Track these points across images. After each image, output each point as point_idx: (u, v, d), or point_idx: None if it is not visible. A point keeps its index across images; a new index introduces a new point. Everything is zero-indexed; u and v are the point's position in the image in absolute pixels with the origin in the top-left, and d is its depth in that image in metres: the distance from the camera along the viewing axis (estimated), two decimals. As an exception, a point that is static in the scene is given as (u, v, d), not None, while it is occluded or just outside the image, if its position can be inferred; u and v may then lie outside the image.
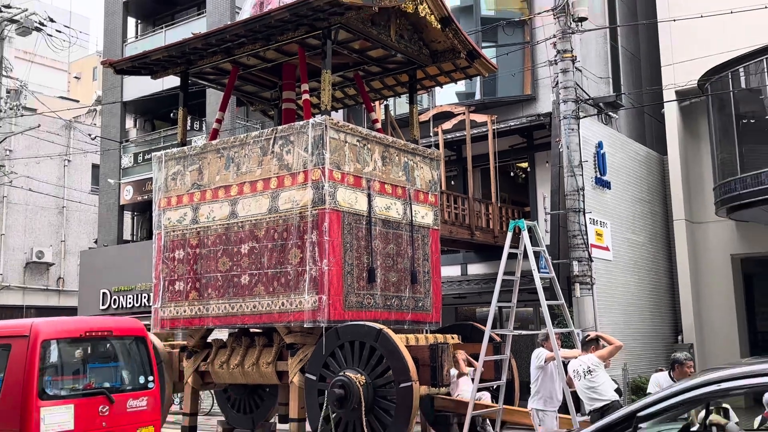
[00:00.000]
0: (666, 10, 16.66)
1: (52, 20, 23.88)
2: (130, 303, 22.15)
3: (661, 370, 9.53)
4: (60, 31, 24.26)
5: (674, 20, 15.37)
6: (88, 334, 8.41)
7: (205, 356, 11.29)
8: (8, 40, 23.64)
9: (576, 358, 8.61)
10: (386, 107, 15.51)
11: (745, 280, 17.55)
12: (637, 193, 17.02)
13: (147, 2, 24.24)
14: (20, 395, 7.51)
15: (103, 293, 22.80)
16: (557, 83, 13.27)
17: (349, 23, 10.25)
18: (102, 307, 22.82)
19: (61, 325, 8.53)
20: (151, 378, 8.81)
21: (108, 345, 8.83)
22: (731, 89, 15.30)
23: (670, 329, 17.26)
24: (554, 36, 13.25)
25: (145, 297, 21.13)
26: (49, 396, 7.64)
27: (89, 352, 8.56)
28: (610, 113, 16.41)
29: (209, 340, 11.74)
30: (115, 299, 22.55)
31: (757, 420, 7.93)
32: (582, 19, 13.18)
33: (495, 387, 9.79)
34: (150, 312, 11.90)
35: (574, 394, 8.52)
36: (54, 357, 8.03)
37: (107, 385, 8.35)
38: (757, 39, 14.47)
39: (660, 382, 8.33)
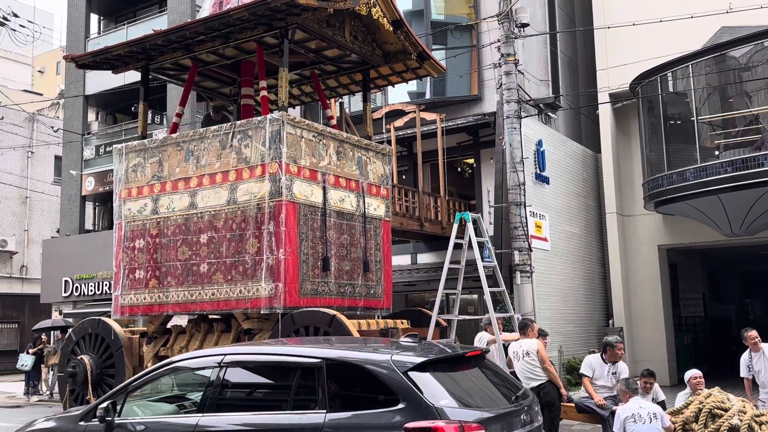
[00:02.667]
0: (601, 17, 16.90)
1: (16, 15, 23.13)
2: (91, 291, 21.74)
3: (594, 352, 9.70)
4: (24, 26, 23.53)
5: (608, 27, 15.62)
6: None
7: (165, 341, 11.16)
8: (-29, 34, 22.88)
9: (516, 341, 8.73)
10: (341, 105, 15.44)
11: (670, 268, 17.99)
12: (573, 188, 17.27)
13: (109, 0, 23.73)
14: None
15: (65, 281, 22.35)
16: (501, 85, 13.36)
17: (305, 23, 10.17)
18: (64, 295, 22.39)
19: None
20: None
21: None
22: (660, 92, 15.60)
23: (602, 314, 17.60)
24: (498, 40, 13.33)
25: (106, 285, 20.75)
26: None
27: None
28: (549, 113, 16.61)
29: (169, 326, 11.58)
30: (77, 287, 22.11)
31: (681, 396, 8.12)
32: (524, 25, 13.30)
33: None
34: (111, 299, 11.68)
35: (513, 374, 8.62)
36: None
37: None
38: (683, 46, 14.77)
39: (592, 363, 8.48)
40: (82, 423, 5.66)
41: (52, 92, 38.39)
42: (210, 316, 11.11)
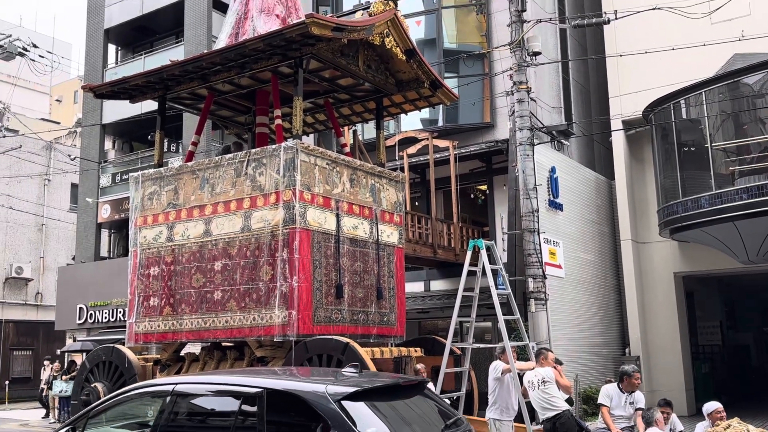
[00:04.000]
0: (613, 45, 16.96)
1: (35, 46, 23.59)
2: (105, 318, 21.79)
3: (610, 381, 9.59)
4: (43, 56, 23.98)
5: (621, 55, 15.67)
6: None
7: (178, 369, 11.11)
8: (-9, 64, 23.29)
9: (531, 369, 8.65)
10: (354, 132, 15.54)
11: (687, 296, 17.81)
12: (587, 214, 17.22)
13: (127, 30, 24.08)
14: None
15: (80, 308, 22.41)
16: (513, 112, 13.42)
17: (319, 53, 10.27)
18: (78, 322, 22.43)
19: None
20: None
21: None
22: (673, 119, 15.59)
23: (618, 342, 17.42)
24: (511, 68, 13.40)
25: (120, 312, 20.78)
26: None
27: None
28: (562, 140, 16.62)
29: (182, 353, 11.57)
30: (91, 314, 22.17)
31: (700, 426, 8.01)
32: (536, 54, 13.38)
33: (455, 397, 9.78)
34: (125, 326, 11.69)
35: (529, 404, 8.54)
36: None
37: None
38: (696, 73, 14.79)
39: (609, 393, 8.39)
40: None
41: (70, 121, 38.85)
42: (223, 344, 11.09)
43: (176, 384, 5.69)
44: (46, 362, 22.21)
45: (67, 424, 6.00)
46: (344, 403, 4.80)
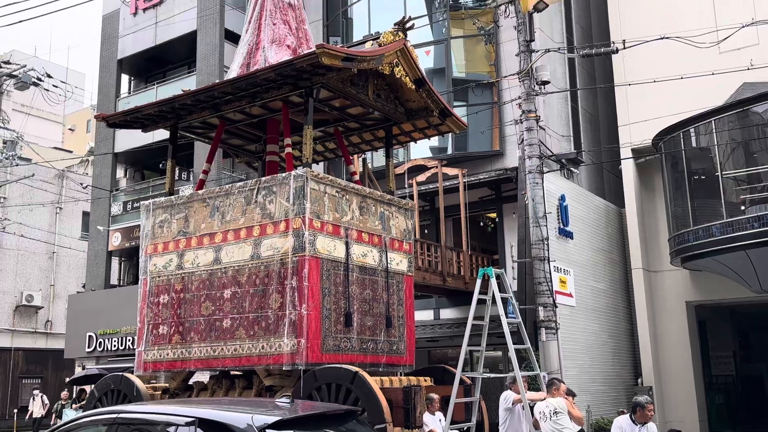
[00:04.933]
0: (622, 75, 17.04)
1: (49, 76, 23.93)
2: (115, 346, 21.75)
3: (623, 412, 9.47)
4: (56, 86, 24.29)
5: (629, 84, 15.72)
6: None
7: (187, 398, 11.06)
8: (6, 94, 23.61)
9: (542, 400, 8.56)
10: (364, 160, 15.60)
11: (699, 325, 17.64)
12: (597, 242, 17.15)
13: (140, 61, 24.38)
14: None
15: (90, 336, 22.39)
16: (522, 140, 13.45)
17: (329, 83, 10.35)
18: (88, 350, 22.40)
19: None
20: None
21: None
22: (683, 148, 15.58)
23: (631, 372, 17.23)
24: (519, 97, 13.46)
25: (129, 340, 20.76)
26: None
27: None
28: (571, 168, 16.63)
29: (191, 382, 11.52)
30: (100, 342, 22.14)
31: None
32: (545, 83, 13.44)
33: (466, 428, 9.67)
34: (134, 355, 11.67)
35: (541, 435, 8.44)
36: None
37: None
38: (705, 102, 14.81)
39: (622, 426, 8.27)
40: None
41: (82, 149, 39.19)
42: (232, 373, 11.05)
43: (119, 413, 6.05)
44: (35, 391, 22.19)
45: None
46: (268, 431, 5.06)
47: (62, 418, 19.13)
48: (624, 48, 14.26)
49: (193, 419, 5.39)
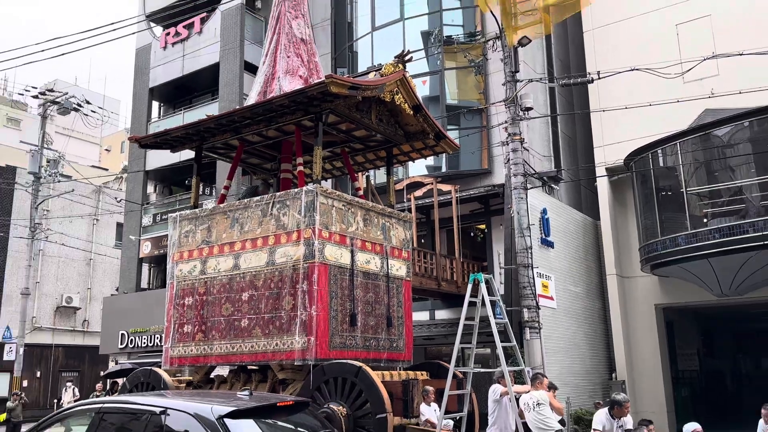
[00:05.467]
0: (597, 101, 17.07)
1: (87, 102, 24.03)
2: (144, 343, 21.70)
3: (599, 404, 9.42)
4: (94, 111, 24.39)
5: (603, 110, 15.75)
6: None
7: (209, 390, 11.01)
8: (50, 118, 23.68)
9: (527, 392, 8.50)
10: (367, 177, 15.60)
11: (666, 326, 17.57)
12: (575, 251, 17.11)
13: (169, 89, 24.46)
14: None
15: (122, 334, 22.36)
16: (509, 160, 13.44)
17: (337, 109, 10.37)
18: (120, 346, 22.35)
19: None
20: None
21: None
22: (651, 167, 15.58)
23: (606, 367, 17.14)
24: (506, 122, 13.48)
25: (157, 338, 20.70)
26: None
27: None
28: (552, 185, 16.61)
29: (212, 375, 11.46)
30: (131, 339, 22.10)
31: None
32: (528, 109, 13.46)
33: (458, 418, 9.60)
34: (161, 351, 11.63)
35: (525, 425, 8.37)
36: None
37: None
38: (672, 126, 14.84)
39: (602, 420, 8.22)
40: None
41: (117, 168, 39.26)
42: (249, 367, 10.99)
43: (103, 404, 6.34)
44: (69, 383, 22.02)
45: None
46: (225, 420, 5.34)
47: None
48: (598, 78, 14.27)
49: (164, 409, 5.65)
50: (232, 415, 5.43)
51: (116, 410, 6.15)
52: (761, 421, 8.72)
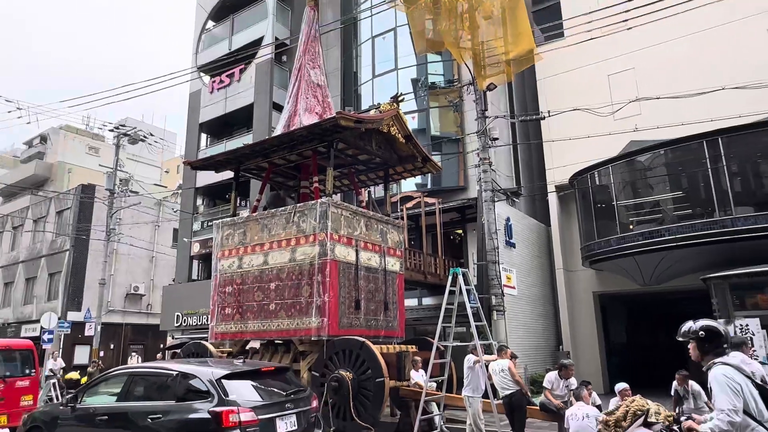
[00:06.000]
0: (548, 133, 17.04)
1: (151, 134, 23.94)
2: (194, 322, 21.51)
3: (550, 370, 9.28)
4: (156, 142, 24.26)
5: (553, 141, 15.73)
6: None
7: (244, 359, 10.89)
8: (122, 147, 23.58)
9: (494, 361, 8.39)
10: (369, 192, 15.50)
11: (602, 309, 17.46)
12: (532, 251, 17.02)
13: (214, 124, 24.42)
14: None
15: (177, 315, 22.17)
16: (480, 179, 13.37)
17: (345, 138, 10.32)
18: (176, 325, 22.15)
19: None
20: (30, 370, 9.85)
21: (6, 353, 9.90)
22: (590, 185, 15.52)
23: (555, 341, 17.01)
24: (478, 149, 13.42)
25: (204, 318, 20.52)
26: None
27: None
28: (514, 199, 16.56)
29: (247, 348, 11.33)
30: (184, 319, 21.90)
31: (613, 401, 7.68)
32: (495, 139, 13.41)
33: (441, 380, 9.48)
34: (208, 328, 11.49)
35: (492, 386, 8.25)
36: None
37: (6, 372, 9.60)
38: (605, 152, 14.81)
39: (551, 379, 8.11)
40: (61, 408, 6.69)
41: (173, 185, 39.12)
42: (276, 341, 10.87)
43: (134, 368, 6.56)
44: (133, 354, 21.73)
45: (73, 395, 6.76)
46: (222, 380, 5.58)
47: None
48: (549, 116, 14.26)
49: (178, 372, 5.91)
50: (227, 377, 5.67)
51: (143, 374, 6.37)
52: (675, 383, 8.61)
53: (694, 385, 8.32)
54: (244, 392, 5.62)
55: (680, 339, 3.69)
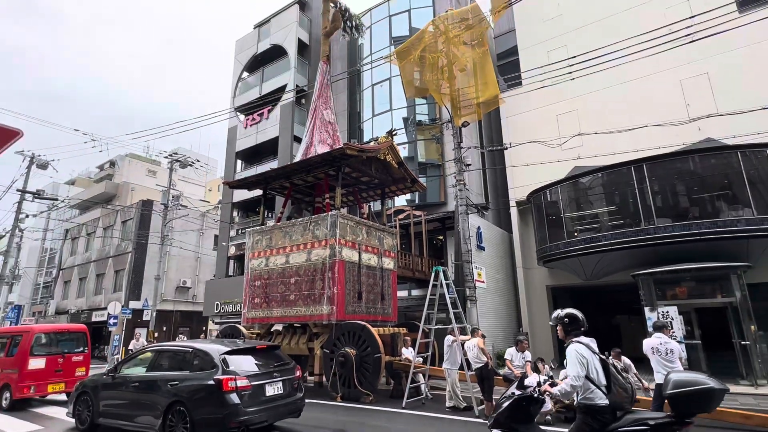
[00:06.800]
0: (510, 160, 17.11)
1: (197, 160, 23.91)
2: (230, 309, 21.33)
3: (511, 347, 9.25)
4: (202, 166, 24.25)
5: (514, 166, 15.76)
6: (55, 331, 9.73)
7: (270, 339, 10.80)
8: (174, 170, 23.56)
9: (468, 340, 8.35)
10: (369, 206, 15.49)
11: (553, 299, 17.40)
12: (497, 252, 16.99)
13: (247, 152, 24.43)
14: (21, 353, 9.06)
15: (216, 303, 22.00)
16: (456, 196, 13.39)
17: (350, 164, 10.34)
18: (215, 311, 21.95)
19: (42, 328, 9.78)
20: (84, 348, 9.86)
21: (66, 335, 9.89)
22: (543, 201, 15.56)
23: (516, 324, 16.92)
24: (455, 172, 13.45)
25: (238, 306, 20.33)
26: (34, 354, 9.13)
27: (56, 338, 9.72)
28: (483, 212, 16.55)
29: (272, 330, 11.25)
30: (223, 307, 21.72)
31: (561, 373, 7.64)
32: (468, 165, 13.43)
33: (426, 356, 9.42)
34: (240, 314, 11.40)
35: (467, 360, 8.20)
36: (38, 340, 9.41)
37: (64, 350, 9.57)
38: (555, 175, 14.86)
39: (511, 353, 8.07)
40: (104, 377, 6.82)
41: (215, 201, 39.04)
42: (294, 325, 10.79)
43: (160, 345, 6.60)
44: (181, 335, 21.46)
45: (113, 366, 6.89)
46: (225, 356, 5.77)
47: None
48: (510, 146, 14.30)
49: (193, 349, 5.97)
50: (230, 353, 5.89)
51: (166, 350, 6.47)
52: (611, 358, 8.56)
53: (625, 359, 8.31)
54: (242, 364, 5.81)
55: (551, 323, 3.94)
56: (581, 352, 3.61)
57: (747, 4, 13.51)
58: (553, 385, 3.81)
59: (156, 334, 22.57)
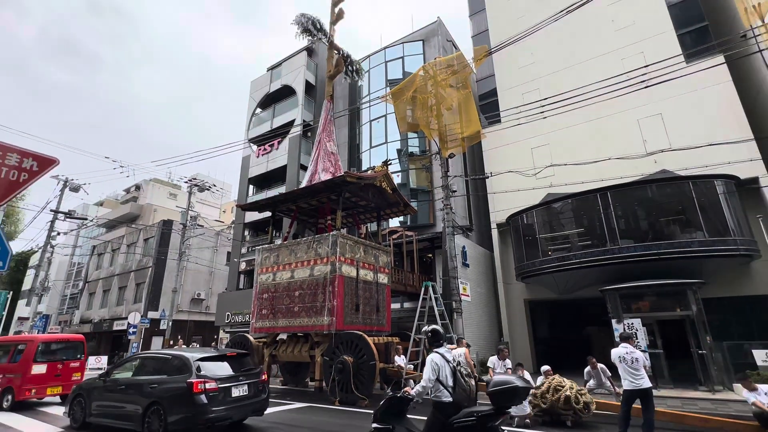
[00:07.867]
0: (491, 187, 17.27)
1: (214, 185, 23.95)
2: (239, 320, 20.94)
3: (493, 355, 9.12)
4: (217, 190, 24.26)
5: (495, 192, 15.90)
6: (56, 340, 9.64)
7: (275, 347, 10.59)
8: (193, 194, 23.54)
9: (454, 349, 8.23)
10: (366, 227, 15.51)
11: (531, 311, 17.28)
12: (480, 269, 16.94)
13: (258, 178, 24.47)
14: (25, 359, 9.00)
15: (227, 314, 21.60)
16: (444, 218, 13.43)
17: (350, 190, 10.39)
18: (226, 322, 21.54)
19: (45, 337, 9.70)
20: (80, 355, 9.76)
21: (65, 343, 9.78)
22: (520, 224, 15.64)
23: (498, 335, 16.72)
24: (442, 198, 13.54)
25: (248, 317, 19.96)
26: (37, 360, 9.06)
27: (57, 346, 9.61)
28: (468, 233, 16.57)
29: (277, 339, 11.04)
30: (233, 318, 21.33)
31: (539, 379, 7.51)
32: (454, 191, 13.53)
33: (418, 363, 9.25)
34: (249, 324, 11.20)
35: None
36: (41, 348, 9.35)
37: (63, 357, 9.48)
38: (530, 201, 15.01)
39: (493, 361, 7.95)
40: (97, 381, 6.89)
41: (228, 221, 38.86)
42: (298, 334, 10.61)
43: (144, 353, 6.63)
44: (194, 343, 20.96)
45: (105, 372, 6.89)
46: (199, 362, 5.87)
47: None
48: (491, 175, 14.46)
49: (172, 356, 6.11)
50: (203, 359, 6.03)
51: (150, 357, 6.53)
52: (588, 368, 8.46)
53: (601, 366, 8.21)
54: (213, 369, 6.04)
55: (418, 337, 4.72)
56: (435, 360, 4.18)
57: (693, 55, 14.02)
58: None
59: (171, 342, 22.03)
